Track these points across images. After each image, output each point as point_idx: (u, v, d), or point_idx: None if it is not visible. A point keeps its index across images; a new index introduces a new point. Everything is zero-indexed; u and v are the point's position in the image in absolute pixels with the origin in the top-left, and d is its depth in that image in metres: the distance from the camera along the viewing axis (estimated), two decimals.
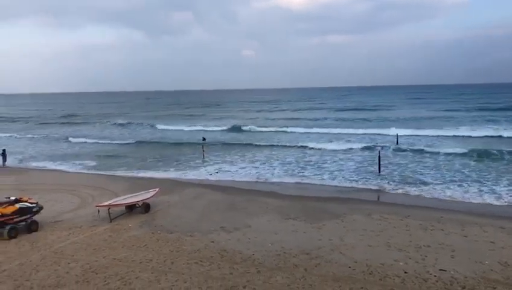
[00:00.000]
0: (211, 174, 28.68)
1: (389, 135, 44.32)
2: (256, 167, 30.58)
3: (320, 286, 11.28)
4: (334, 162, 31.37)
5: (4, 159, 33.76)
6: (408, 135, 44.39)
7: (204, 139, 38.42)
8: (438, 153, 33.24)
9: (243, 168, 30.54)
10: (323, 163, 30.95)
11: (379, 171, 27.28)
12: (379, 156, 28.04)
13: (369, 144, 38.27)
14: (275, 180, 26.66)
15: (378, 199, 21.96)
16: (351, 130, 50.50)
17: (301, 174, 28.12)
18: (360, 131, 49.71)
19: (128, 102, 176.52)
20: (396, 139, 39.93)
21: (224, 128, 59.33)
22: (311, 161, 31.47)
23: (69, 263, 13.07)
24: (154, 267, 12.70)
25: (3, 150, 34.51)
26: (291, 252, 13.76)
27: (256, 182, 26.26)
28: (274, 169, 29.70)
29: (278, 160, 32.99)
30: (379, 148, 30.37)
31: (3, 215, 15.61)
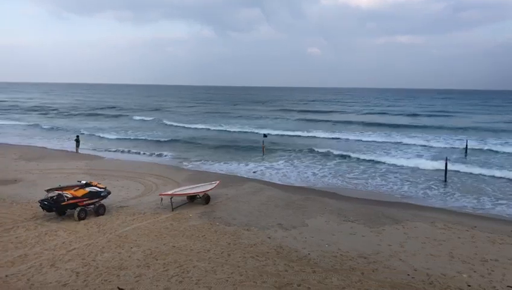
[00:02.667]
0: (268, 170, 28.78)
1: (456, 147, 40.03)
2: (317, 168, 30.19)
3: None
4: (400, 174, 28.98)
5: (77, 145, 35.84)
6: (478, 149, 38.57)
7: (265, 136, 38.63)
8: None
9: (304, 167, 30.30)
10: (387, 173, 29.47)
11: (445, 180, 26.12)
12: (446, 164, 26.80)
13: (438, 153, 36.28)
14: (334, 181, 26.25)
15: (443, 207, 21.01)
16: (420, 140, 44.24)
17: (363, 178, 27.49)
18: (430, 137, 46.79)
19: (195, 96, 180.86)
20: (465, 150, 37.09)
21: (287, 128, 59.07)
22: (378, 172, 30.05)
23: (131, 248, 13.70)
24: (212, 258, 13.00)
25: (77, 137, 36.68)
26: (348, 254, 13.56)
27: (317, 182, 26.00)
28: (335, 174, 29.20)
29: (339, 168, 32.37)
30: (446, 156, 28.73)
31: (74, 197, 16.65)
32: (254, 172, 28.48)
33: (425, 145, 40.61)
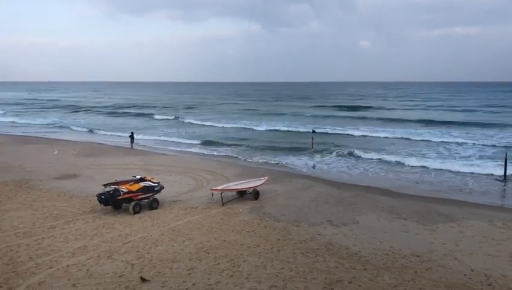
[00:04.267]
0: (317, 167, 28.60)
1: None
2: (368, 165, 29.63)
3: None
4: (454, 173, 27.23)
5: (132, 141, 37.10)
6: None
7: (314, 131, 38.34)
8: None
9: (354, 164, 29.85)
10: (439, 170, 28.22)
11: (504, 177, 24.87)
12: (505, 159, 25.45)
13: (498, 150, 34.00)
14: (386, 178, 25.68)
15: (502, 205, 20.06)
16: (478, 137, 42.01)
17: (416, 174, 26.69)
18: (491, 132, 44.41)
19: (243, 92, 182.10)
20: None
21: (336, 124, 58.21)
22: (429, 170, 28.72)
23: (184, 241, 14.05)
24: (261, 253, 13.10)
25: (132, 133, 37.96)
26: (400, 252, 13.25)
27: (367, 178, 25.54)
28: (386, 171, 28.53)
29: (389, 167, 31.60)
30: (506, 152, 27.14)
31: (129, 192, 17.28)
32: (313, 166, 28.68)
33: (482, 143, 38.14)
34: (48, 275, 11.44)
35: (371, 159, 31.06)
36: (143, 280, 11.14)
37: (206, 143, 39.50)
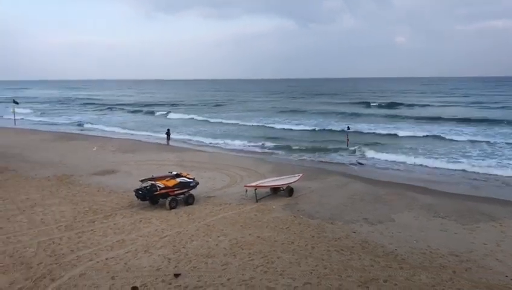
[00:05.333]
0: (355, 164, 28.27)
1: None
2: (404, 162, 28.92)
3: None
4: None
5: (168, 138, 37.75)
6: None
7: (348, 128, 37.90)
8: None
9: (391, 161, 29.26)
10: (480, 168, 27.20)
11: None
12: None
13: None
14: (423, 176, 25.07)
15: None
16: None
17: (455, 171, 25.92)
18: None
19: (276, 89, 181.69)
20: None
21: (371, 121, 57.10)
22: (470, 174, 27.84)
23: (218, 237, 14.19)
24: (295, 249, 13.07)
25: (168, 130, 38.62)
26: (438, 252, 12.95)
27: (404, 176, 25.00)
28: (423, 169, 27.84)
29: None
30: None
31: (166, 187, 17.60)
32: (360, 163, 28.30)
33: None
34: (88, 268, 11.82)
35: (407, 157, 30.32)
36: (175, 275, 11.32)
37: (240, 140, 39.58)
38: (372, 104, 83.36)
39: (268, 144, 36.78)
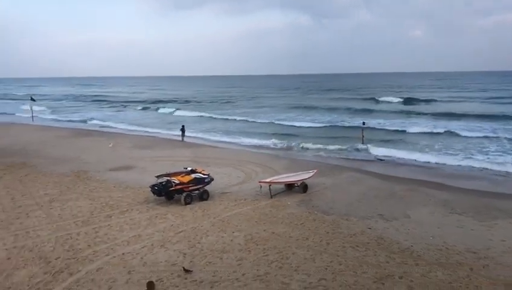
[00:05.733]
0: (367, 160, 28.09)
1: None
2: (421, 158, 28.57)
3: (487, 289, 10.31)
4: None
5: (183, 134, 37.95)
6: None
7: (363, 123, 37.64)
8: None
9: (407, 156, 28.99)
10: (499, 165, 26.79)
11: None
12: None
13: None
14: (440, 172, 24.78)
15: None
16: None
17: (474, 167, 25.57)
18: None
19: (291, 85, 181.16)
20: None
21: (386, 117, 56.61)
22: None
23: (233, 232, 14.27)
24: (310, 245, 13.08)
25: (183, 126, 38.81)
26: (454, 248, 12.83)
27: (419, 172, 24.74)
28: (439, 165, 27.49)
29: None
30: None
31: (181, 183, 17.73)
32: (380, 159, 28.04)
33: None
34: (105, 262, 11.99)
35: (422, 153, 30.03)
36: (186, 271, 11.40)
37: (254, 137, 39.61)
38: (387, 99, 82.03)
39: (283, 140, 36.71)
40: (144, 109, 76.56)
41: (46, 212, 16.49)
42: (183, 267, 11.50)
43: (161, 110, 71.54)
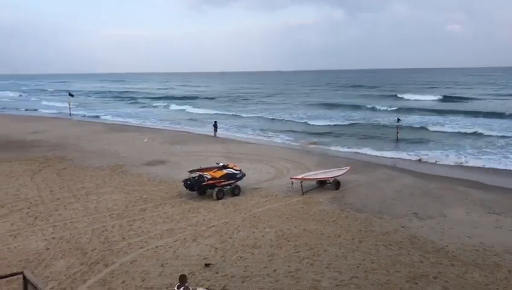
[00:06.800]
0: (402, 158, 27.50)
1: None
2: (457, 156, 27.74)
3: None
4: None
5: (215, 130, 38.22)
6: None
7: (398, 120, 36.91)
8: None
9: (443, 154, 28.20)
10: None
11: None
12: None
13: None
14: (478, 170, 23.98)
15: None
16: None
17: None
18: None
19: (323, 81, 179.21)
20: None
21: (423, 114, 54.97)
22: None
23: (264, 228, 14.30)
24: (342, 243, 12.96)
25: (215, 122, 39.10)
26: (492, 249, 12.45)
27: (456, 170, 24.04)
28: (476, 165, 26.58)
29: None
30: None
31: (213, 178, 17.88)
32: (419, 160, 27.14)
33: None
34: (138, 255, 12.25)
35: (459, 151, 29.16)
36: (206, 265, 11.47)
37: (285, 133, 39.45)
38: (423, 97, 79.78)
39: (315, 137, 36.45)
40: (174, 104, 76.69)
41: (82, 204, 16.97)
42: (205, 263, 11.58)
43: (192, 110, 70.60)
